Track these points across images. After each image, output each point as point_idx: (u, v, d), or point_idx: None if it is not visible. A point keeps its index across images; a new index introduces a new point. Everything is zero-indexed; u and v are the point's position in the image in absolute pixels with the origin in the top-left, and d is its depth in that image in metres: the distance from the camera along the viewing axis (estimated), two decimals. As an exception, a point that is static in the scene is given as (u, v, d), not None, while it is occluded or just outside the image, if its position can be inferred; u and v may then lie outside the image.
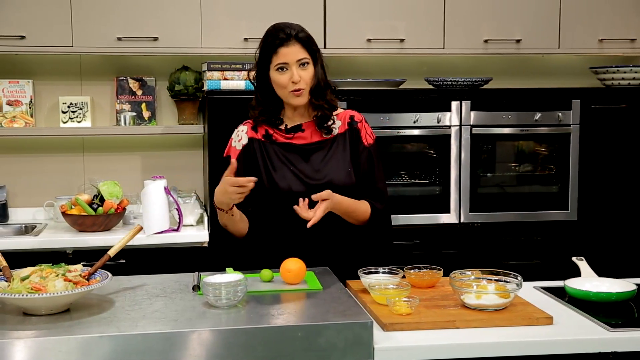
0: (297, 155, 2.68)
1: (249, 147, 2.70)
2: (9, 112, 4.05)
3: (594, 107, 4.05)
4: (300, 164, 2.67)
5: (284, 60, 2.59)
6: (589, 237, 4.07)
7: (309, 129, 2.72)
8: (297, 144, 2.70)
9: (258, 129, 2.72)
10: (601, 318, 2.24)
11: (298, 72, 2.59)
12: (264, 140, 2.70)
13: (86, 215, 3.69)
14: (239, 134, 2.74)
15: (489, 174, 4.08)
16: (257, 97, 2.72)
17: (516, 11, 4.16)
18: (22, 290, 2.02)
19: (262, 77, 2.67)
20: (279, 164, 2.67)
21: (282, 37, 2.59)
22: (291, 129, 2.71)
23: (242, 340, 1.95)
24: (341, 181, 2.66)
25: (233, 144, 2.74)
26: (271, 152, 2.68)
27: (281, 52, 2.59)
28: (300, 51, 2.60)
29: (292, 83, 2.60)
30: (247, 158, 2.69)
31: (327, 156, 2.70)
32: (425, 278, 2.50)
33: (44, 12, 3.80)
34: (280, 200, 2.63)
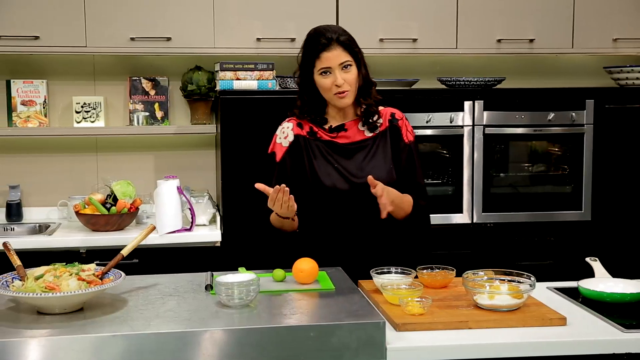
0: (341, 153, 2.72)
1: (295, 143, 2.74)
2: (23, 112, 4.07)
3: (607, 107, 4.03)
4: (344, 162, 2.71)
5: (326, 65, 2.63)
6: (603, 238, 4.05)
7: (351, 128, 2.75)
8: (340, 143, 2.73)
9: (303, 126, 2.76)
10: (615, 319, 2.23)
11: (341, 75, 2.63)
12: (308, 137, 2.74)
13: (99, 214, 3.70)
14: (284, 130, 2.77)
15: (501, 174, 4.07)
16: (302, 98, 2.76)
17: (529, 10, 4.15)
18: (36, 289, 2.03)
19: (306, 80, 2.71)
20: (323, 161, 2.70)
21: (324, 42, 2.63)
22: (335, 128, 2.75)
23: (254, 340, 1.96)
24: (383, 179, 2.66)
25: (278, 141, 2.77)
26: (316, 149, 2.72)
27: (323, 56, 2.63)
28: (342, 54, 2.64)
29: (336, 86, 2.64)
30: (293, 155, 2.73)
31: (369, 154, 2.73)
32: (438, 278, 2.49)
33: (57, 13, 3.82)
34: (324, 197, 2.66)
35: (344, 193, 2.66)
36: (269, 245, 2.81)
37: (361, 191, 2.65)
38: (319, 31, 2.68)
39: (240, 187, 3.77)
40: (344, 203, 2.67)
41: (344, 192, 2.66)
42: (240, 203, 3.77)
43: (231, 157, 3.78)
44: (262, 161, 3.72)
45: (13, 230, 3.99)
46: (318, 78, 2.66)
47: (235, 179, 3.77)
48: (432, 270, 2.53)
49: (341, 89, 2.64)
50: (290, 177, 2.71)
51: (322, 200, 2.68)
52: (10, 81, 4.06)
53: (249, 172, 3.76)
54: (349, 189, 2.66)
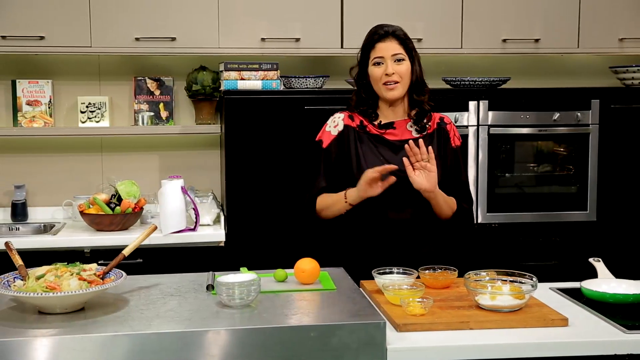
0: (389, 149, 2.76)
1: (344, 133, 2.79)
2: (29, 112, 4.08)
3: (613, 107, 4.02)
4: (391, 157, 2.74)
5: (380, 54, 2.72)
6: (608, 238, 4.03)
7: (400, 127, 2.80)
8: (389, 139, 2.78)
9: (354, 118, 2.81)
10: (618, 320, 2.22)
11: (393, 66, 2.71)
12: (358, 129, 2.79)
13: (104, 214, 3.71)
14: (335, 120, 2.84)
15: (506, 174, 4.06)
16: (358, 94, 2.83)
17: (535, 10, 4.14)
18: (37, 289, 2.04)
19: (362, 74, 2.80)
20: (370, 154, 2.75)
21: (380, 32, 2.74)
22: (384, 125, 2.80)
23: (255, 340, 1.96)
24: None
25: (327, 129, 2.84)
26: (364, 141, 2.78)
27: (378, 46, 2.73)
28: (396, 47, 2.73)
29: (386, 75, 2.70)
30: (340, 144, 2.79)
31: None
32: (440, 279, 2.49)
33: (62, 13, 3.83)
34: None
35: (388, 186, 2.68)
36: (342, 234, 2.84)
37: (404, 186, 2.67)
38: (378, 26, 2.79)
39: (245, 187, 3.77)
40: (387, 196, 2.67)
41: None
42: (245, 203, 3.78)
43: (235, 157, 3.78)
44: (266, 161, 3.76)
45: (18, 229, 4.00)
46: (371, 69, 2.74)
47: (240, 179, 3.78)
48: (434, 270, 2.53)
49: (391, 79, 2.70)
50: (334, 165, 2.79)
51: None
52: (16, 81, 4.07)
53: (253, 172, 3.77)
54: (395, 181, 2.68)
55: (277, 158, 3.77)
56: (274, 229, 3.76)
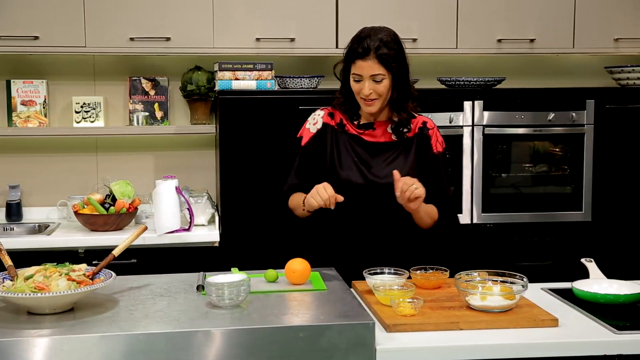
0: (365, 150, 2.74)
1: (322, 131, 2.78)
2: (23, 112, 4.08)
3: (608, 107, 4.01)
4: (366, 159, 2.73)
5: (359, 72, 2.66)
6: (603, 239, 4.03)
7: (380, 128, 2.77)
8: (366, 140, 2.76)
9: (334, 116, 2.80)
10: (608, 320, 2.22)
11: (370, 85, 2.64)
12: (337, 128, 2.77)
13: (98, 214, 3.71)
14: (315, 117, 2.83)
15: (501, 174, 4.05)
16: (341, 91, 2.80)
17: (530, 10, 4.13)
18: (25, 289, 2.03)
19: (345, 76, 2.75)
20: (346, 153, 2.74)
21: (360, 51, 2.64)
22: (363, 125, 2.77)
23: (243, 341, 1.95)
24: None
25: (307, 126, 2.83)
26: (341, 141, 2.76)
27: (358, 64, 2.65)
28: (376, 67, 2.63)
29: (363, 94, 2.66)
30: (318, 142, 2.77)
31: (391, 157, 2.74)
32: (431, 279, 2.49)
33: (56, 13, 3.82)
34: (339, 188, 2.64)
35: (359, 187, 2.68)
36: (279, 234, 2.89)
37: (376, 189, 2.68)
38: (362, 36, 2.69)
39: (239, 188, 3.77)
40: (357, 198, 2.68)
41: (359, 186, 2.68)
42: (239, 203, 3.77)
43: (230, 157, 3.77)
44: (261, 161, 3.75)
45: (13, 230, 4.00)
46: (351, 79, 2.70)
47: (234, 179, 3.77)
48: (425, 270, 2.52)
49: (368, 98, 2.66)
50: (312, 162, 2.78)
51: (337, 191, 2.64)
52: (10, 81, 4.07)
53: (248, 173, 3.77)
54: (364, 184, 2.68)
55: (272, 158, 3.77)
56: (269, 230, 3.76)
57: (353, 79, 2.68)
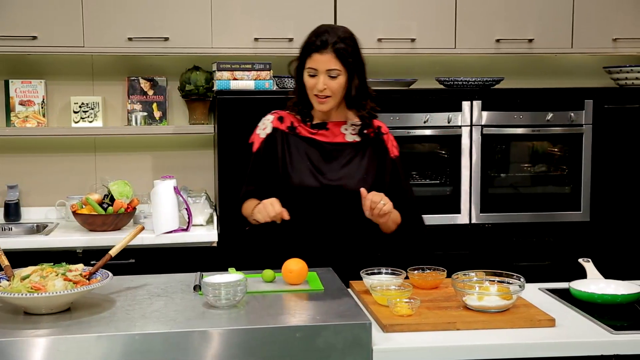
0: (318, 152, 2.70)
1: (272, 136, 2.74)
2: (22, 112, 4.08)
3: (607, 107, 4.01)
4: (319, 161, 2.69)
5: (314, 67, 2.62)
6: (602, 239, 4.03)
7: (334, 128, 2.74)
8: (319, 141, 2.72)
9: (284, 120, 2.75)
10: (606, 320, 2.21)
11: (325, 80, 2.61)
12: (287, 131, 2.73)
13: (96, 214, 3.71)
14: (264, 122, 2.80)
15: (500, 174, 4.05)
16: (295, 89, 2.76)
17: (529, 10, 4.13)
18: (21, 289, 2.03)
19: (299, 72, 2.70)
20: (298, 157, 2.69)
21: (318, 44, 2.61)
22: (316, 125, 2.74)
23: (239, 341, 1.95)
24: (353, 186, 2.65)
25: (257, 132, 2.80)
26: (292, 144, 2.71)
27: (314, 57, 2.61)
28: (333, 62, 2.60)
29: (317, 89, 2.62)
30: (268, 147, 2.74)
31: (345, 159, 2.71)
32: (429, 279, 2.49)
33: (55, 13, 3.82)
34: (293, 193, 2.64)
35: (313, 191, 2.64)
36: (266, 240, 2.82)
37: (330, 192, 2.65)
38: (320, 31, 2.65)
39: (237, 188, 3.74)
40: (311, 201, 2.65)
41: (313, 190, 2.64)
42: (237, 203, 3.76)
43: (228, 157, 3.77)
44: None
45: (11, 230, 4.00)
46: (305, 75, 2.66)
47: (232, 179, 3.75)
48: (422, 271, 2.52)
49: (321, 94, 2.62)
50: (264, 168, 2.74)
51: (291, 196, 2.65)
52: (9, 81, 4.07)
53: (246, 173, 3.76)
54: (318, 187, 2.64)
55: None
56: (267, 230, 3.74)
57: (308, 74, 2.63)
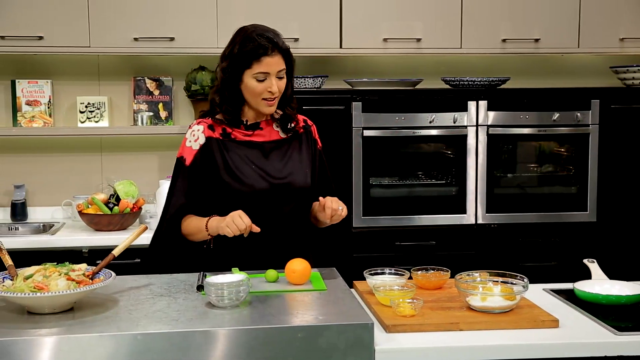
0: (258, 152, 2.64)
1: (206, 146, 2.61)
2: (28, 112, 4.09)
3: (613, 107, 4.00)
4: (262, 162, 2.63)
5: (266, 70, 2.53)
6: (608, 239, 4.01)
7: (267, 127, 2.69)
8: (257, 141, 2.66)
9: (215, 128, 2.64)
10: (610, 321, 2.20)
11: (276, 82, 2.56)
12: (222, 138, 2.63)
13: (102, 214, 3.72)
14: (194, 133, 2.63)
15: (506, 174, 4.04)
16: (222, 93, 2.61)
17: (535, 10, 4.12)
18: (24, 289, 2.03)
19: (233, 76, 2.57)
20: (240, 162, 2.61)
21: (267, 45, 2.52)
22: (250, 126, 2.67)
23: (241, 341, 1.95)
24: (301, 182, 2.65)
25: (188, 144, 2.63)
26: (231, 150, 2.62)
27: (265, 61, 2.52)
28: (281, 62, 2.56)
29: (269, 92, 2.56)
30: (204, 158, 2.61)
31: (286, 156, 2.68)
32: (432, 279, 2.48)
33: (61, 13, 3.84)
34: (244, 199, 2.58)
35: (263, 193, 2.59)
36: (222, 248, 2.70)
37: (280, 191, 2.61)
38: (262, 32, 2.55)
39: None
40: (264, 203, 2.60)
41: (264, 192, 2.59)
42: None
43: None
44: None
45: (17, 229, 4.01)
46: (250, 80, 2.54)
47: (238, 179, 3.77)
48: (426, 271, 2.52)
49: (273, 97, 2.57)
50: (201, 181, 2.62)
51: (240, 202, 2.58)
52: (15, 81, 4.09)
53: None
54: (268, 189, 2.60)
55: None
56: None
57: (256, 79, 2.53)
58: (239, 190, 2.59)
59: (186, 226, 2.64)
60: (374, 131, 3.86)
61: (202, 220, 2.58)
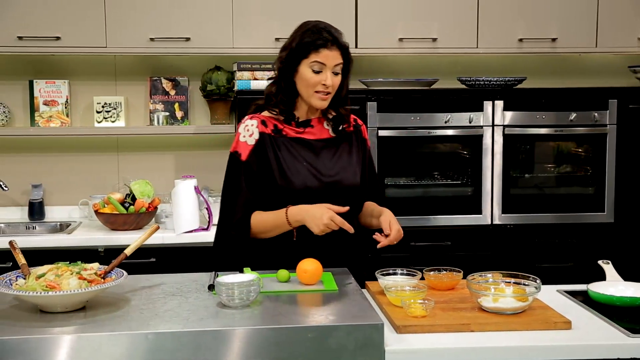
0: (309, 150, 2.65)
1: (261, 142, 2.62)
2: (46, 111, 4.12)
3: (631, 107, 3.96)
4: (313, 160, 2.64)
5: (322, 61, 2.55)
6: (626, 240, 3.98)
7: (317, 125, 2.70)
8: (307, 139, 2.67)
9: (267, 124, 2.65)
10: (624, 323, 2.18)
11: (331, 77, 2.57)
12: (274, 135, 2.64)
13: (118, 214, 3.74)
14: (248, 128, 2.64)
15: (522, 174, 4.02)
16: (279, 84, 2.65)
17: (552, 9, 4.09)
18: (36, 287, 2.05)
19: (291, 66, 2.60)
20: (292, 159, 2.62)
21: (328, 37, 2.56)
22: (301, 123, 2.68)
23: (251, 341, 1.95)
24: (350, 181, 2.66)
25: (242, 139, 2.64)
26: (282, 147, 2.63)
27: (323, 52, 2.55)
28: (338, 57, 2.58)
29: (322, 85, 2.58)
30: (258, 154, 2.62)
31: (336, 154, 2.69)
32: (444, 280, 2.47)
33: (78, 14, 3.86)
34: (295, 197, 2.59)
35: (315, 191, 2.59)
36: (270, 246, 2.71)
37: (332, 190, 2.61)
38: (322, 26, 2.60)
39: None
40: (314, 201, 2.58)
41: (315, 190, 2.59)
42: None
43: (248, 157, 3.77)
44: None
45: (35, 229, 4.04)
46: (306, 70, 2.57)
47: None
48: (439, 271, 2.51)
49: (326, 90, 2.58)
50: (257, 176, 2.62)
51: (292, 200, 2.58)
52: (33, 81, 4.12)
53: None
54: (320, 187, 2.60)
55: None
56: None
57: (312, 70, 2.56)
58: (291, 187, 2.60)
59: (258, 224, 2.61)
60: (389, 131, 3.86)
61: (278, 214, 2.56)
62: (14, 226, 4.04)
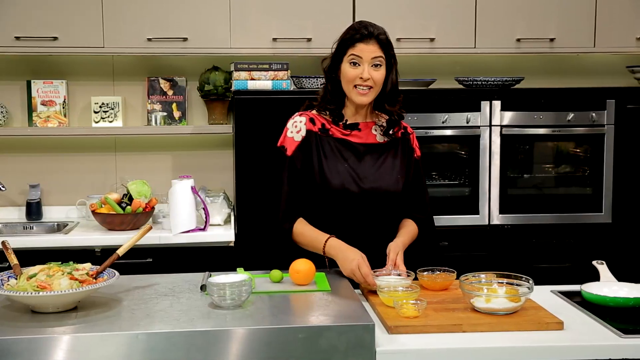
0: (352, 153, 2.67)
1: (307, 139, 2.66)
2: (43, 112, 4.13)
3: (629, 107, 3.95)
4: (355, 163, 2.66)
5: (359, 54, 2.58)
6: (624, 241, 3.97)
7: (365, 129, 2.71)
8: (352, 142, 2.68)
9: (315, 122, 2.69)
10: (617, 324, 2.18)
11: (369, 70, 2.58)
12: (320, 133, 2.67)
13: (115, 214, 3.74)
14: (296, 124, 2.69)
15: (519, 175, 4.01)
16: (326, 87, 2.70)
17: (550, 9, 4.08)
18: (27, 288, 2.05)
19: (334, 69, 2.65)
20: (334, 159, 2.64)
21: (364, 32, 2.59)
22: (349, 125, 2.69)
23: (242, 341, 1.95)
24: (390, 188, 2.66)
25: (289, 135, 2.69)
26: (327, 146, 2.66)
27: (358, 46, 2.59)
28: (377, 51, 2.59)
29: (360, 79, 2.59)
30: (304, 151, 2.65)
31: (379, 160, 2.69)
32: (438, 280, 2.47)
33: (75, 14, 3.86)
34: (331, 197, 2.61)
35: (352, 195, 2.61)
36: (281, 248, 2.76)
37: (369, 196, 2.63)
38: (362, 23, 2.64)
39: (255, 187, 3.77)
40: (351, 205, 2.62)
41: (352, 194, 2.61)
42: (255, 203, 3.77)
43: (245, 157, 3.78)
44: (276, 161, 3.75)
45: (32, 229, 4.04)
46: (345, 66, 2.61)
47: (250, 179, 3.78)
48: (432, 272, 2.51)
49: (365, 84, 2.59)
50: (300, 172, 2.66)
51: (329, 201, 2.62)
52: (31, 81, 4.12)
53: (263, 173, 3.76)
54: (357, 192, 2.61)
55: (287, 158, 3.76)
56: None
57: (350, 63, 2.59)
58: (328, 187, 2.62)
59: (300, 234, 2.64)
60: (387, 131, 3.84)
61: (318, 237, 2.59)
62: (12, 226, 4.03)
